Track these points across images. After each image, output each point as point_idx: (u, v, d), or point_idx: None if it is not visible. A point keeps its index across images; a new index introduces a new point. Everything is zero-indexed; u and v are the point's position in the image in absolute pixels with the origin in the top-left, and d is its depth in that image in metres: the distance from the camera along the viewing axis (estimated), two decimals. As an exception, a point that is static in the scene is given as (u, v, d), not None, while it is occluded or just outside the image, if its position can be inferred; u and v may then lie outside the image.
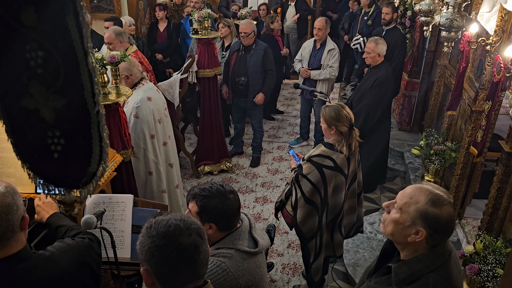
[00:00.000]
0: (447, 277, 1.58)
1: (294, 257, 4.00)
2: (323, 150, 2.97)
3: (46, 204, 2.19)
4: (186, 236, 1.29)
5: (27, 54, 1.15)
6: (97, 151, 1.22)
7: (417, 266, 1.58)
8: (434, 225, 1.54)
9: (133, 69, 3.62)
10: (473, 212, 4.10)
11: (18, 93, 1.18)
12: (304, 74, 5.42)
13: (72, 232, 1.99)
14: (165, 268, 1.27)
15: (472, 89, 3.78)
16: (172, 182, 4.02)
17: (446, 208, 1.55)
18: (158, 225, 1.30)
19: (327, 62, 5.31)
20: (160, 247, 1.27)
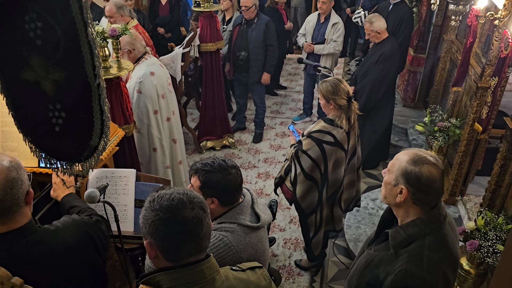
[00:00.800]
0: (442, 239, 1.64)
1: (296, 232, 4.04)
2: (323, 125, 2.95)
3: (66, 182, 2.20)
4: (189, 209, 1.30)
5: (26, 25, 1.12)
6: (98, 124, 1.21)
7: (413, 229, 1.65)
8: (415, 182, 1.61)
9: (136, 43, 3.57)
10: (475, 189, 4.11)
11: (18, 66, 1.16)
12: (307, 48, 5.33)
13: (84, 213, 1.99)
14: (169, 241, 1.28)
15: (479, 65, 3.72)
16: (176, 158, 4.03)
17: (427, 167, 1.60)
18: (161, 199, 1.31)
19: (331, 36, 5.23)
20: (164, 220, 1.27)
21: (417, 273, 1.56)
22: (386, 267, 1.66)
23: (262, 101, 5.47)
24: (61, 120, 1.23)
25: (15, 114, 1.32)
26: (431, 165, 1.61)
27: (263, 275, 1.51)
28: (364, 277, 1.76)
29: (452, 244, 1.67)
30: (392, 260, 1.65)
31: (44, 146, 1.37)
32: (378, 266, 1.70)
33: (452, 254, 1.65)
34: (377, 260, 1.72)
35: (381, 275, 1.67)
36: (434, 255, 1.60)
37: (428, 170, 1.60)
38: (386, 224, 1.85)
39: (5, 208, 1.50)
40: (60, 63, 1.14)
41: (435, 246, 1.62)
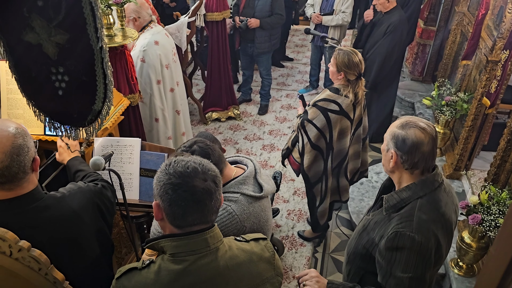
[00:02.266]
0: (434, 203, 1.67)
1: (299, 204, 4.07)
2: (329, 94, 2.94)
3: (70, 146, 2.21)
4: (201, 180, 1.30)
5: (26, -15, 1.11)
6: (102, 88, 1.20)
7: (406, 193, 1.68)
8: (401, 145, 1.64)
9: (141, 11, 3.51)
10: (480, 164, 4.09)
11: (20, 27, 1.15)
12: (315, 20, 5.23)
13: (89, 178, 2.01)
14: (175, 207, 1.29)
15: (490, 38, 3.64)
16: (179, 129, 4.02)
17: (413, 130, 1.63)
18: (177, 164, 1.32)
19: (339, 7, 5.12)
20: (174, 185, 1.28)
21: (407, 233, 1.59)
22: (380, 230, 1.70)
23: (268, 73, 5.42)
24: (64, 83, 1.23)
25: (18, 78, 1.31)
26: (418, 128, 1.63)
27: (267, 246, 1.52)
28: (361, 240, 1.81)
29: (446, 207, 1.69)
30: (385, 222, 1.69)
31: (48, 110, 1.37)
32: (374, 229, 1.74)
33: (444, 217, 1.67)
34: (373, 223, 1.76)
35: (376, 238, 1.71)
36: (424, 216, 1.63)
37: (414, 133, 1.62)
38: (386, 190, 1.88)
39: (12, 175, 1.50)
40: (62, 25, 1.12)
41: (426, 208, 1.65)
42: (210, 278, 1.33)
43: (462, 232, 3.01)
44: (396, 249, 1.61)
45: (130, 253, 3.01)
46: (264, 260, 1.46)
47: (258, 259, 1.45)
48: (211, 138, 2.81)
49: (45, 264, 1.55)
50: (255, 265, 1.43)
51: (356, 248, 1.83)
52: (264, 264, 1.46)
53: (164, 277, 1.30)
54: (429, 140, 1.64)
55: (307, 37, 7.08)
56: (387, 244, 1.62)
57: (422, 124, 1.65)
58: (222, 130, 5.21)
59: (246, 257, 1.42)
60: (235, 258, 1.39)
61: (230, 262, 1.37)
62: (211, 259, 1.33)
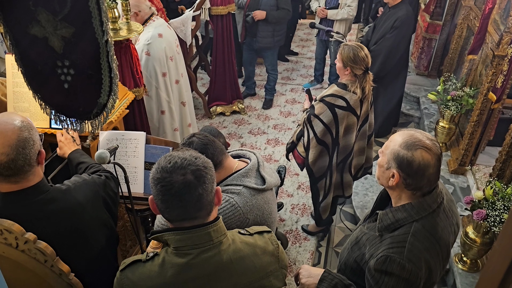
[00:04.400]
0: (430, 228, 1.57)
1: (304, 198, 4.08)
2: (336, 90, 2.93)
3: (68, 140, 2.22)
4: (179, 175, 1.28)
5: (32, -22, 1.11)
6: (107, 82, 1.20)
7: (402, 214, 1.59)
8: (406, 168, 1.53)
9: (141, 5, 3.51)
10: (485, 159, 4.08)
11: (26, 21, 1.15)
12: (320, 13, 5.21)
13: (91, 169, 2.02)
14: (158, 201, 1.31)
15: (497, 32, 3.61)
16: (185, 121, 4.03)
17: (420, 152, 1.51)
18: (165, 158, 1.33)
19: (345, 1, 5.09)
20: (155, 180, 1.30)
21: (397, 259, 1.51)
22: (371, 249, 1.63)
23: (274, 68, 5.41)
24: (70, 77, 1.23)
25: (24, 71, 1.32)
26: (425, 150, 1.51)
27: (271, 239, 1.51)
28: (352, 253, 1.75)
29: (443, 232, 1.60)
30: (377, 242, 1.62)
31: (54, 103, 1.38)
32: (365, 245, 1.68)
33: (440, 242, 1.58)
34: (365, 239, 1.69)
35: (366, 255, 1.65)
36: (417, 244, 1.54)
37: (421, 155, 1.51)
38: (383, 201, 1.81)
39: (18, 167, 1.52)
40: (68, 18, 1.13)
41: (421, 234, 1.55)
42: (213, 272, 1.33)
43: (467, 227, 3.00)
44: (385, 273, 1.54)
45: (135, 246, 3.03)
46: (268, 253, 1.46)
47: (262, 252, 1.45)
48: (215, 133, 2.82)
49: (50, 256, 1.57)
50: (258, 258, 1.42)
51: (348, 259, 1.77)
52: (268, 257, 1.45)
53: (168, 270, 1.31)
54: (435, 161, 1.53)
55: (313, 31, 7.05)
56: (376, 266, 1.55)
57: (428, 143, 1.52)
58: (226, 124, 5.22)
59: (250, 251, 1.42)
60: (238, 251, 1.39)
61: (234, 256, 1.37)
62: (214, 252, 1.34)
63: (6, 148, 1.47)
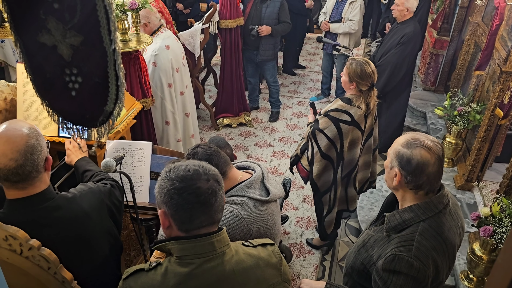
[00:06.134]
0: (437, 227, 1.60)
1: (309, 211, 4.06)
2: (341, 104, 2.93)
3: (76, 148, 2.25)
4: (204, 180, 1.31)
5: (44, -12, 1.14)
6: (114, 90, 1.22)
7: (408, 215, 1.63)
8: (406, 165, 1.58)
9: (151, 16, 3.56)
10: (493, 176, 4.04)
11: (36, 29, 1.18)
12: (323, 27, 5.29)
13: (97, 177, 2.04)
14: (182, 211, 1.30)
15: (504, 49, 3.61)
16: (188, 132, 4.06)
17: (419, 150, 1.56)
18: (177, 169, 1.33)
19: (347, 15, 5.14)
20: (179, 190, 1.29)
21: (405, 258, 1.54)
22: (379, 250, 1.65)
23: (275, 80, 5.43)
24: (78, 85, 1.26)
25: (33, 78, 1.35)
26: (424, 148, 1.56)
27: (274, 252, 1.51)
28: (359, 255, 1.77)
29: (449, 232, 1.63)
30: (384, 243, 1.64)
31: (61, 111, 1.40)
32: (373, 247, 1.70)
33: (446, 242, 1.61)
34: (372, 241, 1.72)
35: (374, 256, 1.67)
36: (425, 242, 1.57)
37: (420, 153, 1.56)
38: (390, 205, 1.84)
39: (26, 173, 1.53)
40: (77, 27, 1.15)
41: (428, 233, 1.59)
42: (215, 282, 1.33)
43: (473, 244, 2.97)
44: (393, 272, 1.56)
45: (139, 255, 3.02)
46: (271, 266, 1.46)
47: (265, 264, 1.44)
48: (223, 143, 2.83)
49: (54, 263, 1.57)
50: (261, 271, 1.42)
51: (354, 262, 1.79)
52: (271, 270, 1.45)
53: (170, 280, 1.31)
54: (435, 160, 1.57)
55: (320, 45, 7.09)
56: (385, 265, 1.58)
57: (429, 143, 1.58)
58: (233, 136, 5.23)
59: (253, 262, 1.41)
60: (241, 262, 1.38)
61: (237, 267, 1.36)
62: (217, 263, 1.33)
63: (15, 154, 1.49)
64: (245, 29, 4.98)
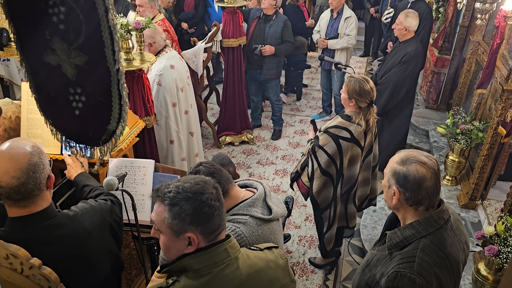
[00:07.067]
0: (439, 243, 1.60)
1: (311, 230, 4.03)
2: (340, 121, 2.96)
3: (76, 163, 2.26)
4: (212, 188, 1.38)
5: (49, 9, 1.16)
6: (117, 109, 1.24)
7: (409, 231, 1.63)
8: (403, 182, 1.59)
9: (156, 36, 3.61)
10: (497, 194, 4.02)
11: (41, 49, 1.20)
12: (321, 44, 5.36)
13: (95, 192, 2.05)
14: (212, 219, 1.33)
15: (505, 67, 3.63)
16: (192, 150, 4.07)
17: (414, 166, 1.58)
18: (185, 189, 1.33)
19: (344, 31, 5.22)
20: (205, 201, 1.32)
21: (407, 274, 1.54)
22: (382, 268, 1.65)
23: (278, 99, 5.47)
24: (81, 104, 1.27)
25: (38, 97, 1.37)
26: (419, 164, 1.58)
27: (280, 254, 1.57)
28: (364, 276, 1.76)
29: (452, 248, 1.62)
30: (387, 261, 1.64)
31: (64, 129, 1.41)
32: (376, 266, 1.70)
33: (449, 258, 1.60)
34: (375, 260, 1.72)
35: (377, 275, 1.67)
36: (427, 258, 1.56)
37: (416, 169, 1.58)
38: (392, 224, 1.83)
39: (28, 192, 1.54)
40: (82, 47, 1.17)
41: (430, 249, 1.58)
42: (236, 287, 1.36)
43: (478, 263, 2.93)
44: None
45: (140, 275, 3.00)
46: (280, 267, 1.52)
47: (275, 266, 1.50)
48: (226, 161, 2.83)
49: (54, 282, 1.56)
50: (272, 272, 1.48)
51: (359, 283, 1.79)
52: (280, 271, 1.52)
53: None
54: (432, 175, 1.59)
55: (317, 63, 7.16)
56: (387, 283, 1.57)
57: (423, 158, 1.60)
58: (235, 154, 5.24)
59: (264, 264, 1.47)
60: (254, 265, 1.43)
61: (251, 270, 1.41)
62: (233, 268, 1.36)
63: (17, 172, 1.50)
64: (249, 48, 5.03)
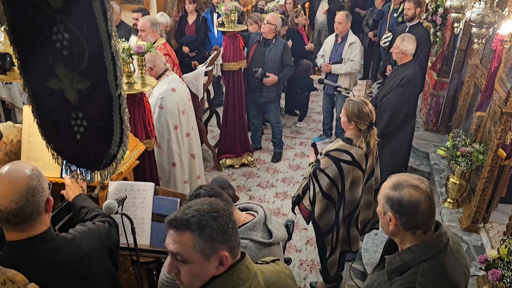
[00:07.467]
0: (439, 267, 1.57)
1: (312, 254, 3.98)
2: (341, 144, 2.96)
3: (75, 185, 2.27)
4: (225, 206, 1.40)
5: (54, 36, 1.18)
6: (118, 133, 1.24)
7: (409, 256, 1.61)
8: (398, 207, 1.58)
9: (156, 60, 3.66)
10: (499, 217, 3.99)
11: (45, 74, 1.22)
12: (325, 69, 5.40)
13: (92, 213, 2.05)
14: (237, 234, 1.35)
15: (504, 90, 3.66)
16: (194, 173, 4.06)
17: (407, 190, 1.57)
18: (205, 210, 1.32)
19: (348, 56, 5.27)
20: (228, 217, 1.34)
21: None
22: None
23: (278, 121, 5.49)
24: (83, 128, 1.28)
25: (40, 121, 1.38)
26: (412, 187, 1.57)
27: (284, 265, 1.62)
28: None
29: (453, 272, 1.59)
30: (387, 286, 1.62)
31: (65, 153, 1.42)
32: None
33: (451, 283, 1.57)
34: (376, 285, 1.70)
35: None
36: (427, 283, 1.54)
37: (409, 193, 1.57)
38: (391, 248, 1.81)
39: (26, 215, 1.54)
40: (84, 73, 1.19)
41: (430, 274, 1.56)
42: None
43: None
44: None
45: (138, 300, 2.95)
46: (288, 277, 1.59)
47: (285, 276, 1.56)
48: (225, 184, 2.82)
49: (52, 308, 1.54)
50: (285, 282, 1.54)
51: None
52: (290, 280, 1.58)
53: None
54: (425, 197, 1.58)
55: (321, 86, 7.22)
56: None
57: (415, 182, 1.60)
58: (235, 177, 5.22)
59: (277, 276, 1.52)
60: (269, 279, 1.47)
61: (269, 283, 1.44)
62: (255, 284, 1.38)
63: (16, 196, 1.50)
64: (249, 72, 5.08)
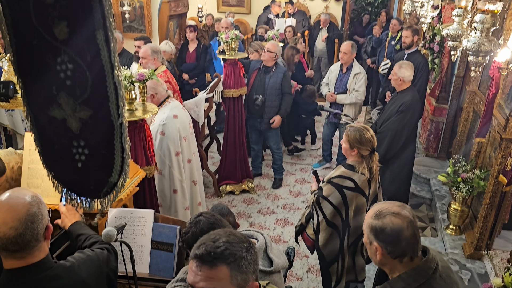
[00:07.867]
0: None
1: (314, 282, 3.92)
2: (343, 171, 2.95)
3: (70, 213, 2.26)
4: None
5: (58, 66, 1.20)
6: (119, 162, 1.25)
7: (400, 284, 1.60)
8: (382, 236, 1.59)
9: (158, 87, 3.70)
10: (502, 244, 3.94)
11: (48, 103, 1.24)
12: (330, 98, 5.41)
13: (90, 240, 2.05)
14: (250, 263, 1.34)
15: (502, 116, 3.68)
16: (195, 199, 4.05)
17: (389, 218, 1.58)
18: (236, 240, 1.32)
19: (353, 86, 5.30)
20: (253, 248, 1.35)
21: None
22: None
23: (278, 147, 5.50)
24: (84, 156, 1.29)
25: (41, 149, 1.39)
26: (393, 215, 1.58)
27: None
28: None
29: None
30: None
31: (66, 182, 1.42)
32: None
33: None
34: None
35: None
36: None
37: (391, 221, 1.58)
38: (381, 278, 1.81)
39: (25, 242, 1.53)
40: (87, 102, 1.21)
41: None
42: None
43: (487, 316, 2.83)
44: None
45: (136, 330, 2.88)
46: None
47: None
48: (225, 211, 2.81)
49: (49, 338, 1.51)
50: None
51: None
52: None
53: None
54: (407, 224, 1.58)
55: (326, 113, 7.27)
56: None
57: (396, 209, 1.61)
58: (236, 203, 5.20)
59: None
60: None
61: None
62: None
63: (16, 222, 1.49)
64: (249, 99, 5.13)
